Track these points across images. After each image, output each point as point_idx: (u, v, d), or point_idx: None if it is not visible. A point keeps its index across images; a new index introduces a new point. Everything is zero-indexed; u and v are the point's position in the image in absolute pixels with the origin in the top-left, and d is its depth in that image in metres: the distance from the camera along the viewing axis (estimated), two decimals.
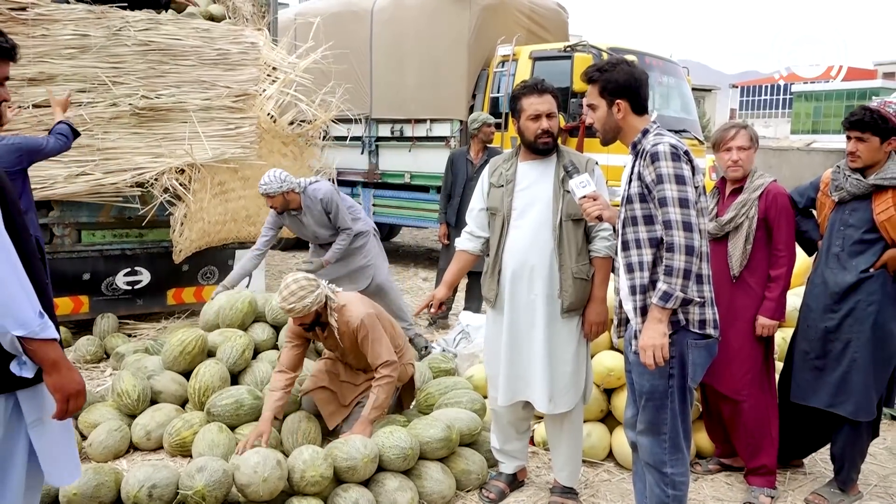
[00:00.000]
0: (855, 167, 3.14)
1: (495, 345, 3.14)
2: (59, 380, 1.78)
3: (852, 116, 3.13)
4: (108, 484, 2.88)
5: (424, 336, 5.55)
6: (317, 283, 3.33)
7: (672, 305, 2.40)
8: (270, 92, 5.84)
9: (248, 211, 5.94)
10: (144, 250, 5.63)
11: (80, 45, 5.11)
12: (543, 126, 2.94)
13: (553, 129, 2.96)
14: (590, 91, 2.64)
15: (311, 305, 3.27)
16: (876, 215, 3.08)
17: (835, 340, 3.19)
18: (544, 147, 2.98)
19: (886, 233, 3.07)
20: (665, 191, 2.42)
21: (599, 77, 2.59)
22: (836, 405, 3.18)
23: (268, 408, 3.39)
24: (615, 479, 3.51)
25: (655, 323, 2.43)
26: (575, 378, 3.04)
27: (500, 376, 3.10)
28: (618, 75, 2.57)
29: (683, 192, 2.41)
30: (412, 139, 8.76)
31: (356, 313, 3.36)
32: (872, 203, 3.09)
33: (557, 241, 2.95)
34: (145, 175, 5.16)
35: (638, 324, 2.55)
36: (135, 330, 5.58)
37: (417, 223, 9.28)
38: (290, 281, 3.30)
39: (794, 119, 38.58)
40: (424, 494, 3.18)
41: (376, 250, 5.30)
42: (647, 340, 2.43)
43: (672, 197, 2.41)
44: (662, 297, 2.40)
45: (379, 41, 8.99)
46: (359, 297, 3.54)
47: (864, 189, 3.11)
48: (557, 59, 7.67)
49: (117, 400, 3.70)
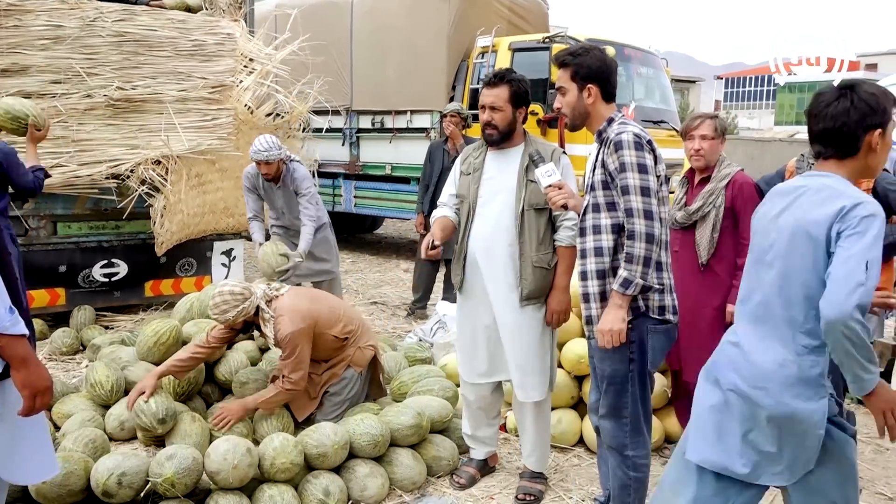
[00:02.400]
0: None
1: (464, 328, 3.20)
2: (27, 376, 1.76)
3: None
4: (77, 472, 2.88)
5: None
6: (244, 296, 3.35)
7: (632, 292, 2.45)
8: (247, 83, 5.84)
9: (226, 202, 5.93)
10: (121, 242, 5.62)
11: (54, 35, 5.08)
12: (484, 118, 3.00)
13: (496, 121, 2.99)
14: (560, 75, 2.66)
15: (234, 318, 3.34)
16: None
17: None
18: (488, 138, 3.03)
19: None
20: (627, 179, 2.47)
21: (572, 61, 2.61)
22: None
23: (164, 365, 3.48)
24: (585, 464, 3.56)
25: (615, 309, 2.47)
26: (541, 366, 3.08)
27: (475, 357, 3.15)
28: (590, 60, 2.60)
29: (645, 180, 2.46)
30: (393, 131, 8.77)
31: (284, 328, 3.34)
32: None
33: (519, 229, 2.98)
34: (121, 167, 5.15)
35: (597, 308, 2.59)
36: (112, 322, 5.57)
37: (399, 214, 9.30)
38: (217, 292, 3.36)
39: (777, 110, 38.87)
40: (395, 481, 3.22)
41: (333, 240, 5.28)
42: (605, 325, 2.47)
43: (634, 185, 2.46)
44: (623, 284, 2.45)
45: (359, 32, 8.98)
46: (295, 307, 3.44)
47: None
48: (536, 51, 7.69)
49: (91, 391, 3.70)
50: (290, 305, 3.45)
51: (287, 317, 3.38)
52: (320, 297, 3.76)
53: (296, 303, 3.47)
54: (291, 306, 3.44)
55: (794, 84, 37.43)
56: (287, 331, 3.34)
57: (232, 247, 6.16)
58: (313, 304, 3.55)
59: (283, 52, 5.99)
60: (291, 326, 3.35)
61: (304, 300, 3.54)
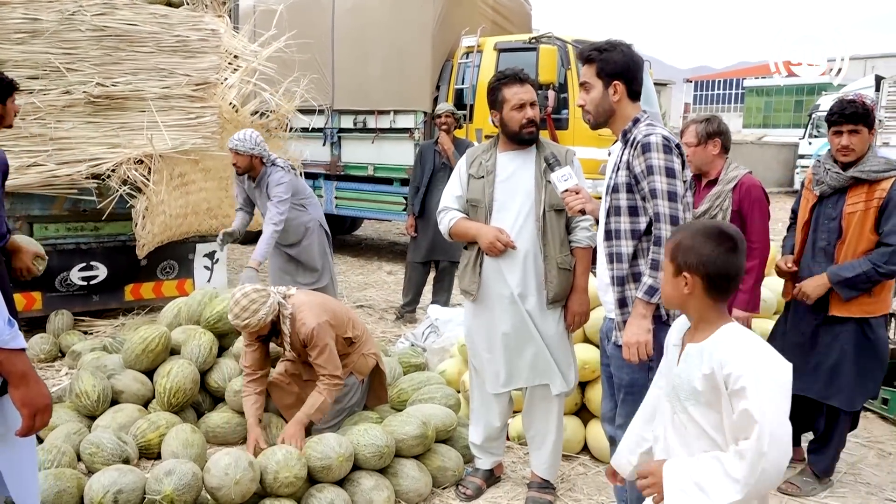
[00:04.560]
0: (848, 160, 3.11)
1: (480, 338, 3.10)
2: (27, 393, 1.64)
3: (845, 110, 3.08)
4: (70, 490, 2.73)
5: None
6: (265, 293, 3.21)
7: (657, 300, 2.37)
8: (232, 81, 5.68)
9: (209, 203, 5.77)
10: (100, 244, 5.43)
11: (31, 29, 4.86)
12: (528, 115, 2.91)
13: (537, 119, 2.93)
14: (585, 71, 2.57)
15: (265, 317, 3.18)
16: (845, 206, 3.09)
17: (825, 333, 3.21)
18: (529, 136, 2.95)
19: (848, 225, 3.07)
20: (655, 183, 2.39)
21: (598, 57, 2.52)
22: (829, 396, 3.21)
23: (250, 414, 3.33)
24: (591, 473, 3.49)
25: (639, 318, 2.40)
26: (562, 366, 3.04)
27: (499, 365, 3.05)
28: (616, 56, 2.51)
29: (673, 185, 2.39)
30: (375, 130, 8.64)
31: (309, 322, 3.23)
32: (846, 195, 3.12)
33: (541, 231, 2.91)
34: (101, 166, 4.96)
35: (618, 316, 2.52)
36: (91, 327, 5.37)
37: (381, 216, 9.17)
38: (240, 296, 3.18)
39: (745, 113, 39.34)
40: (401, 493, 3.11)
41: (325, 244, 5.10)
42: (631, 337, 2.39)
43: (661, 189, 2.38)
44: (647, 292, 2.37)
45: (341, 30, 8.83)
46: (311, 301, 3.37)
47: (843, 182, 3.12)
48: (522, 51, 7.62)
49: (76, 401, 3.53)
50: (307, 300, 3.36)
51: (308, 310, 3.27)
52: (327, 299, 3.65)
53: (311, 298, 3.41)
54: (308, 301, 3.36)
55: (762, 88, 38.06)
56: (312, 323, 3.22)
57: (215, 249, 5.98)
58: (326, 301, 3.49)
59: (269, 50, 5.84)
60: (315, 319, 3.24)
61: (315, 297, 3.47)
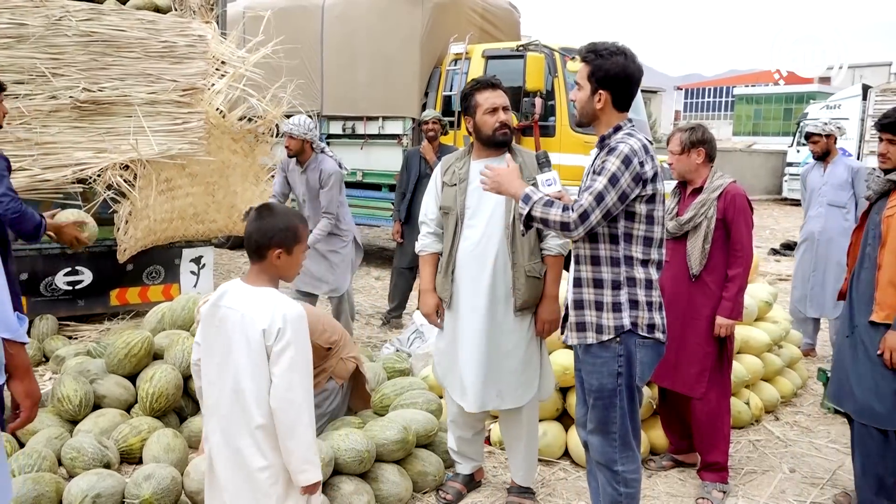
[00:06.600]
0: (885, 168, 3.12)
1: (452, 348, 3.10)
2: (29, 385, 1.73)
3: (885, 119, 3.11)
4: (48, 495, 2.74)
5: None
6: None
7: (523, 209, 2.45)
8: (219, 86, 5.69)
9: (195, 209, 5.77)
10: (86, 249, 5.39)
11: (17, 34, 4.88)
12: (501, 118, 2.96)
13: (509, 122, 2.99)
14: (580, 69, 2.57)
15: None
16: (886, 209, 3.04)
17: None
18: (503, 138, 2.98)
19: (887, 228, 2.99)
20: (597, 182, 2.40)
21: (592, 60, 2.51)
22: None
23: None
24: (571, 478, 3.52)
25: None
26: (525, 376, 3.03)
27: (467, 380, 3.04)
28: (610, 65, 2.48)
29: (609, 191, 2.38)
30: (364, 137, 8.67)
31: None
32: (888, 199, 3.06)
33: (510, 238, 2.94)
34: (87, 171, 4.97)
35: (590, 315, 2.54)
36: (76, 332, 5.37)
37: (369, 222, 9.18)
38: None
39: (735, 121, 39.63)
40: (381, 497, 3.13)
41: (352, 256, 5.21)
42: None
43: (596, 189, 2.39)
44: (524, 200, 2.46)
45: (330, 37, 8.87)
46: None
47: (883, 186, 3.09)
48: (510, 59, 7.69)
49: (57, 405, 3.54)
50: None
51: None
52: (305, 304, 3.65)
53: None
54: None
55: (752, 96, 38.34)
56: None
57: (201, 254, 6.00)
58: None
59: (257, 56, 5.85)
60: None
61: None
